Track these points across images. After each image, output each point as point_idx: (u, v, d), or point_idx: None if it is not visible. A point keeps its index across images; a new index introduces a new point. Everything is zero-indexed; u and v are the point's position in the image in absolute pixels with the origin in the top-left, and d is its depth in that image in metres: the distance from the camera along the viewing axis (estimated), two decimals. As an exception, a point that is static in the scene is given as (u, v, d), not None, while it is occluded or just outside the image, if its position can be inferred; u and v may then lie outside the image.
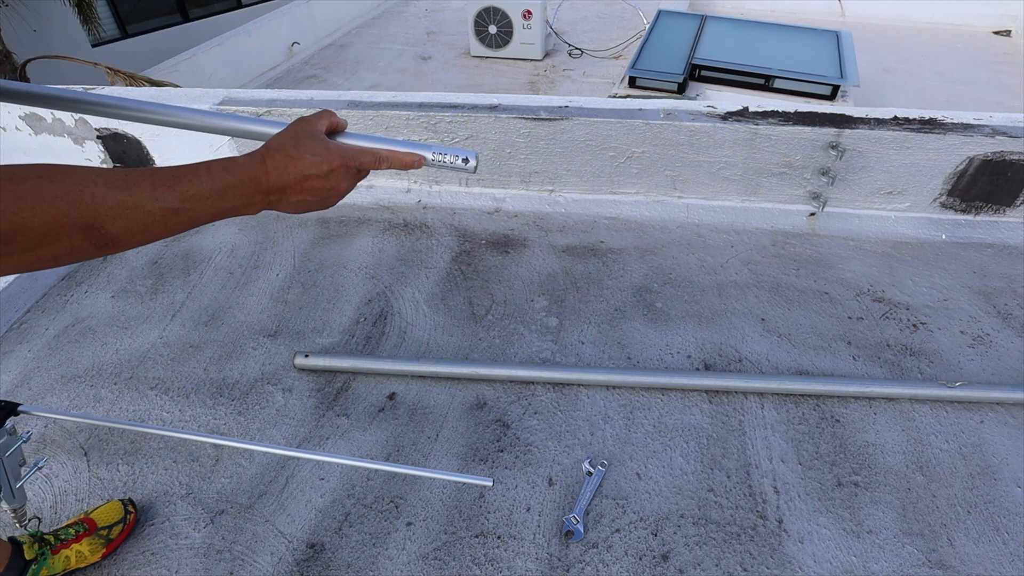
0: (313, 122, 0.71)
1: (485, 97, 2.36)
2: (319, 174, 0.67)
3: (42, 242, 0.52)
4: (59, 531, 1.29)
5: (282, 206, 0.68)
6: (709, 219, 2.34)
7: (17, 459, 1.01)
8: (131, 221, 0.57)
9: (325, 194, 0.69)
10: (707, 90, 4.92)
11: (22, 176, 0.51)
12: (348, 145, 0.71)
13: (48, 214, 0.51)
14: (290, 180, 0.66)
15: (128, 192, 0.57)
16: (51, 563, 1.24)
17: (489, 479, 0.96)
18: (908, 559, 1.31)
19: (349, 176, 0.70)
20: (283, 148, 0.67)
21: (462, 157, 0.73)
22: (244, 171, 0.64)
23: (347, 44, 7.32)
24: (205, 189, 0.61)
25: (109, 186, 0.56)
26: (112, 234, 0.56)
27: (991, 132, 2.07)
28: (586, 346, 1.83)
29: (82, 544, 1.28)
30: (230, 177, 0.62)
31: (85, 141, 2.60)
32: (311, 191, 0.67)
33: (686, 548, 1.34)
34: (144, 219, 0.57)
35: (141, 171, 0.59)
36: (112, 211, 0.55)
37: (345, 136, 0.75)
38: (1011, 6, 7.40)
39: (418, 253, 2.22)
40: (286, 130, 0.71)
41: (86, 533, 1.30)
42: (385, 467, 1.00)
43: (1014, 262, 2.12)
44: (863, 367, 1.74)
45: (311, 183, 0.67)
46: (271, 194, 0.66)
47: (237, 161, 0.64)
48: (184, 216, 0.60)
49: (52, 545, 1.25)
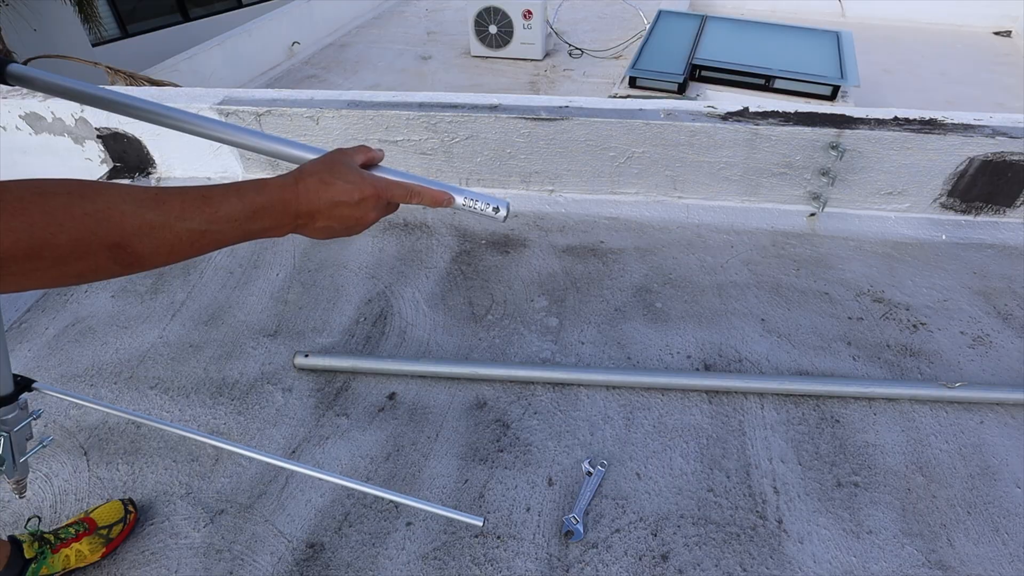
0: (350, 153, 0.72)
1: (485, 97, 2.36)
2: (350, 201, 0.66)
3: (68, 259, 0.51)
4: (59, 530, 1.29)
5: (308, 230, 0.67)
6: (709, 219, 2.34)
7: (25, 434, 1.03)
8: (158, 241, 0.56)
9: (353, 222, 0.68)
10: (707, 90, 4.92)
11: (52, 192, 0.51)
12: (381, 177, 0.71)
13: (75, 231, 0.51)
14: (320, 205, 0.65)
15: (157, 211, 0.56)
16: (51, 562, 1.24)
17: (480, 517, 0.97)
18: (908, 559, 1.31)
19: (379, 207, 0.69)
20: (317, 172, 0.67)
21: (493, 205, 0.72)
22: (274, 193, 0.63)
23: (347, 44, 7.32)
24: (235, 211, 0.60)
25: (138, 205, 0.55)
26: (138, 253, 0.55)
27: (991, 133, 2.07)
28: (586, 346, 1.83)
29: (82, 543, 1.29)
30: (260, 199, 0.62)
31: (85, 141, 2.60)
32: (339, 218, 0.67)
33: (686, 548, 1.34)
34: (171, 239, 0.57)
35: (171, 190, 0.58)
36: (140, 230, 0.55)
37: (379, 170, 0.74)
38: (1011, 7, 7.39)
39: (418, 253, 2.22)
40: (322, 156, 0.71)
41: (86, 532, 1.30)
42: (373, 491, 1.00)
43: (1014, 263, 2.12)
44: (863, 367, 1.74)
45: (340, 210, 0.66)
46: (300, 217, 0.65)
47: (269, 183, 0.64)
48: (211, 237, 0.59)
49: (52, 544, 1.25)
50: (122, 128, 2.52)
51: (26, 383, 1.01)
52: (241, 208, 0.61)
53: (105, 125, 2.52)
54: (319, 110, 2.33)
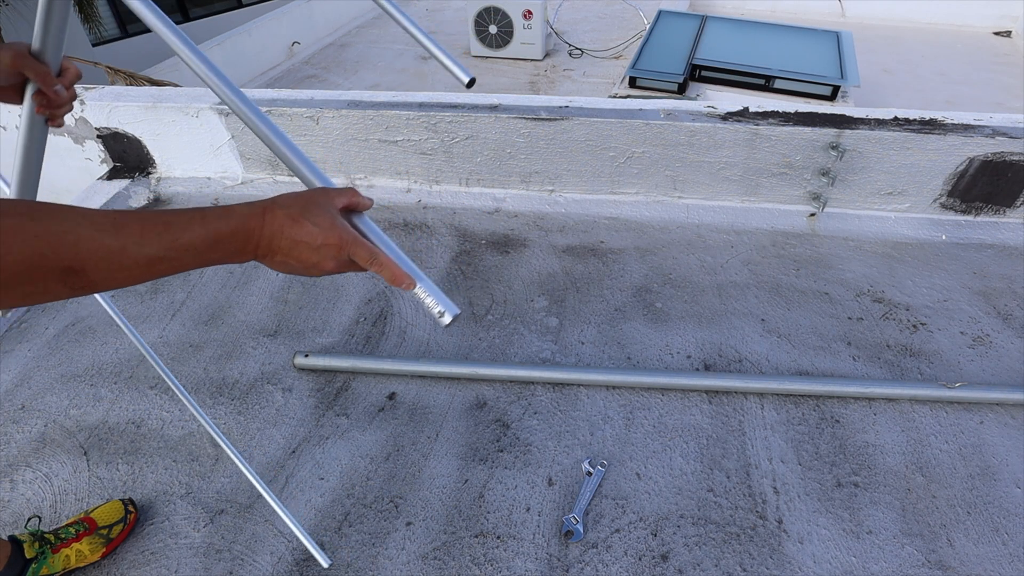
0: (332, 194, 0.69)
1: (485, 97, 2.36)
2: (311, 244, 0.64)
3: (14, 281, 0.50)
4: (59, 530, 1.29)
5: (267, 262, 0.66)
6: (709, 219, 2.34)
7: None
8: (113, 266, 0.55)
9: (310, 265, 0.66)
10: (707, 90, 4.92)
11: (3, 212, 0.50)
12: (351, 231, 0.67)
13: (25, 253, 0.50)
14: (282, 243, 0.64)
15: (115, 236, 0.55)
16: (51, 562, 1.24)
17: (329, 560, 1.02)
18: (908, 560, 1.31)
19: (340, 260, 0.66)
20: (288, 207, 0.65)
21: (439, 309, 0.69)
22: (239, 222, 0.62)
23: (347, 44, 7.32)
24: (196, 239, 0.59)
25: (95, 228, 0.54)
26: (92, 278, 0.54)
27: (991, 133, 2.07)
28: (586, 346, 1.83)
29: (82, 543, 1.29)
30: (224, 228, 0.61)
31: (85, 141, 2.60)
32: (297, 258, 0.65)
33: (686, 548, 1.34)
34: (127, 264, 0.56)
35: (132, 215, 0.57)
36: (95, 255, 0.54)
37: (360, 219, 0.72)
38: (1011, 7, 7.39)
39: (418, 253, 2.22)
40: (302, 192, 0.69)
41: (86, 532, 1.30)
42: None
43: (1014, 263, 2.12)
44: (863, 368, 1.74)
45: (299, 250, 0.65)
46: (260, 249, 0.64)
47: (235, 211, 0.63)
48: (168, 264, 0.58)
49: (52, 544, 1.25)
50: (122, 128, 2.52)
51: None
52: (204, 236, 0.59)
53: (105, 125, 2.52)
54: (319, 110, 2.33)
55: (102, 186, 2.55)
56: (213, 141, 2.49)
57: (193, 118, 2.43)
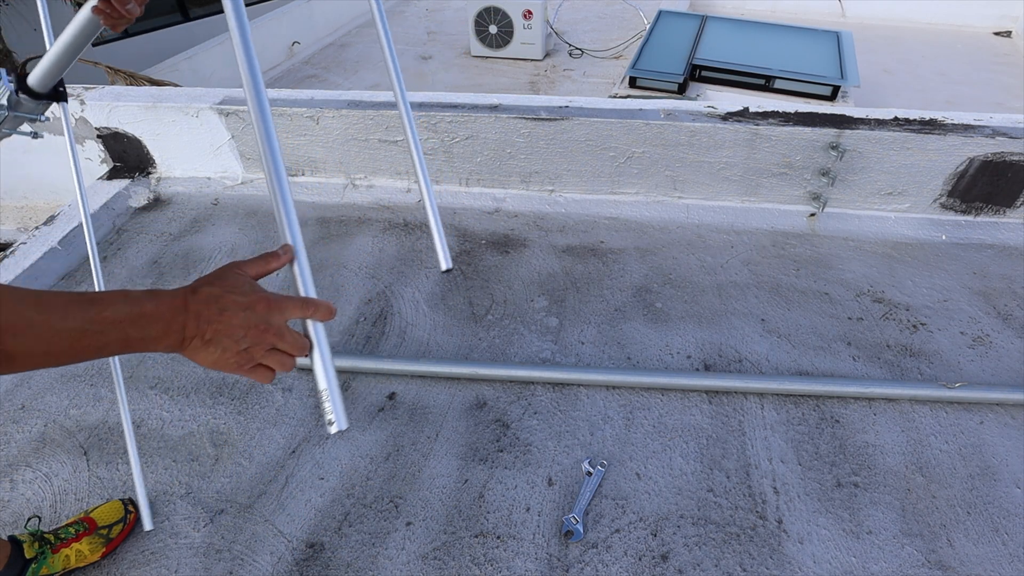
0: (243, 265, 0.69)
1: (485, 97, 2.36)
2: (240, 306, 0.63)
3: None
4: (59, 530, 1.29)
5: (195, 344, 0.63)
6: (709, 219, 2.34)
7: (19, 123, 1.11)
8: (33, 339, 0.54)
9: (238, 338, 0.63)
10: (707, 90, 4.92)
11: None
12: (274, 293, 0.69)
13: None
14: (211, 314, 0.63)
15: (37, 309, 0.54)
16: (51, 562, 1.24)
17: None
18: (907, 560, 1.31)
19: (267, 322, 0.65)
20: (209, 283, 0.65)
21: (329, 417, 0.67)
22: (165, 298, 0.62)
23: (347, 43, 7.32)
24: (120, 314, 0.58)
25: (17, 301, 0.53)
26: (8, 352, 0.53)
27: (991, 133, 2.07)
28: (586, 346, 1.83)
29: (82, 543, 1.29)
30: (149, 304, 0.60)
31: (85, 140, 2.60)
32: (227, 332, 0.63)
33: (685, 548, 1.34)
34: (48, 338, 0.54)
35: (57, 292, 0.57)
36: (14, 327, 0.52)
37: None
38: (1011, 7, 7.39)
39: (418, 253, 2.22)
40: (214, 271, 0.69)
41: (86, 532, 1.30)
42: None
43: (1014, 263, 2.12)
44: (863, 368, 1.74)
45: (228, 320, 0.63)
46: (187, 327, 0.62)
47: (161, 291, 0.63)
48: (91, 339, 0.57)
49: (52, 544, 1.25)
50: (122, 128, 2.52)
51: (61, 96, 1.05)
52: (127, 311, 0.58)
53: (105, 125, 2.52)
54: (319, 110, 2.33)
55: (102, 186, 2.55)
56: (213, 141, 2.49)
57: (193, 118, 2.43)
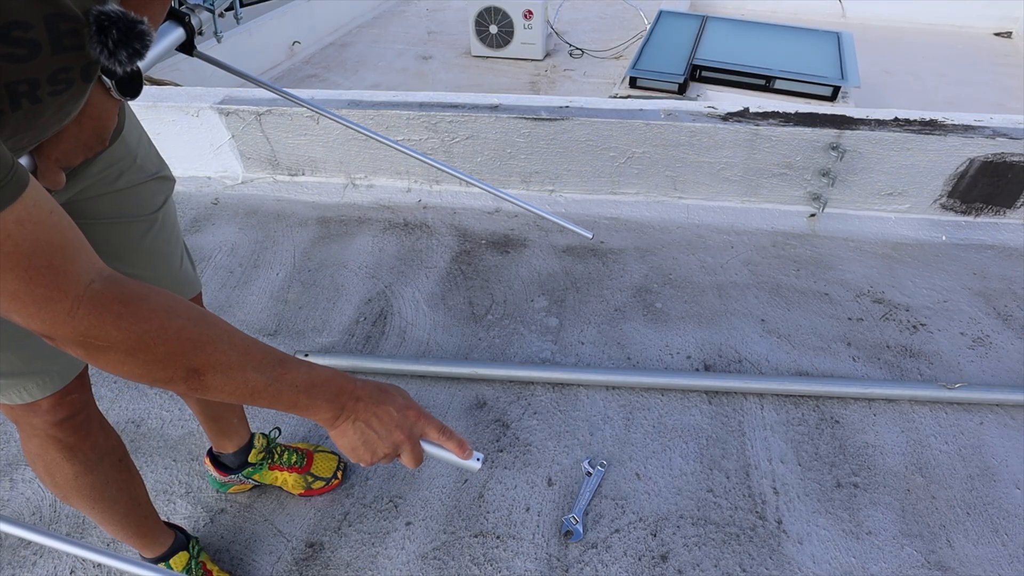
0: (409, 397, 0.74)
1: (486, 97, 2.36)
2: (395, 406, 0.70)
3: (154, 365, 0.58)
4: (285, 452, 1.43)
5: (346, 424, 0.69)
6: (709, 220, 2.34)
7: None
8: (227, 379, 0.61)
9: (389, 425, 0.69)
10: (708, 91, 4.92)
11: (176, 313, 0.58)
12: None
13: (173, 348, 0.58)
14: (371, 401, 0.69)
15: (240, 354, 0.61)
16: (263, 474, 1.41)
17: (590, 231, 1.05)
18: (907, 560, 1.31)
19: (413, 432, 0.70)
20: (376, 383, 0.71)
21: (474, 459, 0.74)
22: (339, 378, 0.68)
23: (348, 43, 7.32)
24: (300, 378, 0.64)
25: (231, 345, 0.61)
26: (206, 383, 0.60)
27: (991, 134, 2.07)
28: (586, 346, 1.83)
29: (290, 476, 1.42)
30: (323, 373, 0.66)
31: (85, 140, 2.60)
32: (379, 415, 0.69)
33: (685, 549, 1.34)
34: (238, 381, 0.61)
35: (260, 343, 0.64)
36: (219, 365, 0.60)
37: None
38: (1012, 8, 7.39)
39: (418, 253, 2.22)
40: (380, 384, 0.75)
41: (299, 469, 1.42)
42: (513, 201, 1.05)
43: (1014, 264, 2.12)
44: (863, 368, 1.74)
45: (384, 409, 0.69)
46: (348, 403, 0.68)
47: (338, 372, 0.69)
48: (269, 393, 0.63)
49: (272, 461, 1.40)
50: (122, 127, 2.51)
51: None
52: (306, 378, 0.65)
53: (105, 124, 2.51)
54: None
55: (102, 185, 2.55)
56: (213, 141, 2.49)
57: (193, 117, 2.43)
